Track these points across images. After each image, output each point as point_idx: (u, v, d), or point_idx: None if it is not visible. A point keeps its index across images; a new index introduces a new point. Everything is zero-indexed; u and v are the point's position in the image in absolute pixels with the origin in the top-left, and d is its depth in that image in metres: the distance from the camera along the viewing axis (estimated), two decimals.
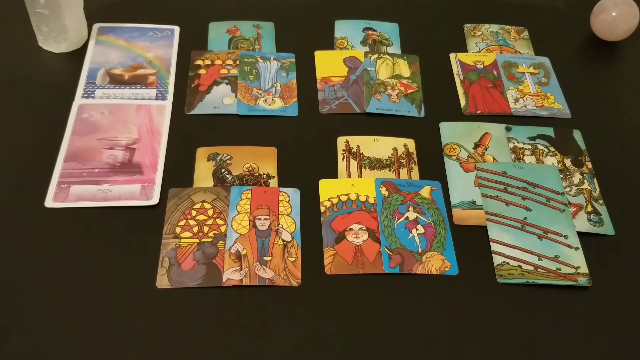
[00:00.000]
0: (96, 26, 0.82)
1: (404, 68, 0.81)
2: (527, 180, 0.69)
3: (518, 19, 0.90)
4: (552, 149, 0.74)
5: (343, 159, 0.71)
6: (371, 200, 0.67)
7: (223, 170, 0.68)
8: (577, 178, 0.71)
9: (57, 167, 0.67)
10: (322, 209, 0.66)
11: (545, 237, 0.65)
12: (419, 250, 0.63)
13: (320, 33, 0.85)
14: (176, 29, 0.83)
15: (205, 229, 0.63)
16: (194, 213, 0.64)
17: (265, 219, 0.64)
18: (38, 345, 0.54)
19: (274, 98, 0.76)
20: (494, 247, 0.64)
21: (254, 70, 0.79)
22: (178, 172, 0.68)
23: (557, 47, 0.87)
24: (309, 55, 0.82)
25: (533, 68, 0.83)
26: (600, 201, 0.69)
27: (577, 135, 0.76)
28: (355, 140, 0.73)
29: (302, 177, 0.68)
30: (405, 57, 0.83)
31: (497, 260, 0.63)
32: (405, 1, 0.92)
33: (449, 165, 0.71)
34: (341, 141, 0.73)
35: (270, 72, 0.79)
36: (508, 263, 0.63)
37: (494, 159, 0.72)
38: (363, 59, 0.82)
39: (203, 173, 0.68)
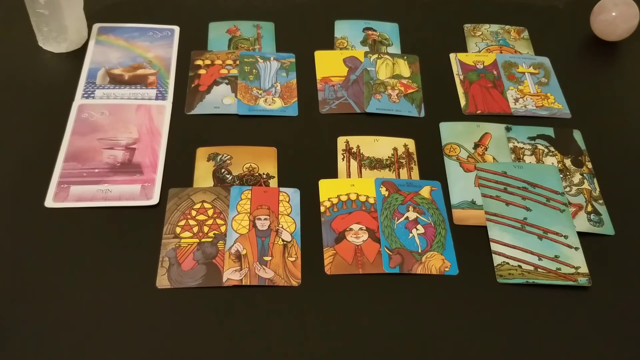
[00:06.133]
0: (96, 26, 0.82)
1: (404, 68, 0.81)
2: (527, 180, 0.69)
3: (518, 19, 0.90)
4: (552, 149, 0.74)
5: (343, 159, 0.71)
6: (371, 200, 0.67)
7: (223, 170, 0.68)
8: (577, 178, 0.71)
9: (57, 167, 0.67)
10: (322, 209, 0.66)
11: (545, 237, 0.65)
12: (419, 250, 0.63)
13: (320, 33, 0.85)
14: (176, 29, 0.83)
15: (205, 229, 0.63)
16: (194, 213, 0.64)
17: (265, 219, 0.64)
18: (38, 345, 0.54)
19: (274, 98, 0.76)
20: (494, 247, 0.64)
21: (254, 70, 0.79)
22: (178, 172, 0.68)
23: (557, 47, 0.87)
24: (309, 55, 0.82)
25: (533, 68, 0.83)
26: (600, 201, 0.69)
27: (577, 135, 0.76)
28: (355, 140, 0.73)
29: (302, 177, 0.68)
30: (405, 57, 0.83)
31: (497, 260, 0.63)
32: (405, 1, 0.92)
33: (449, 165, 0.71)
34: (341, 141, 0.73)
35: (270, 72, 0.79)
36: (508, 263, 0.63)
37: (494, 159, 0.72)
38: (363, 59, 0.82)
39: (203, 173, 0.68)
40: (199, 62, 0.79)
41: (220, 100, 0.75)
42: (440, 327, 0.58)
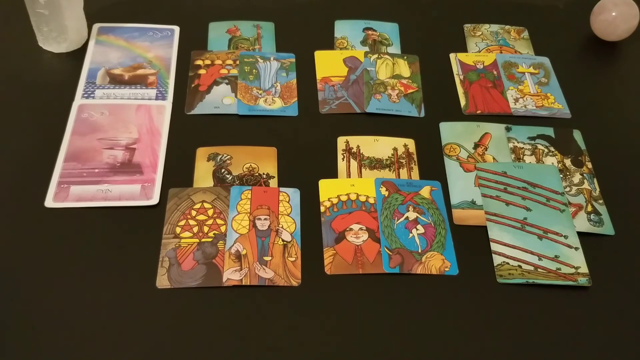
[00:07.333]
0: (96, 26, 0.82)
1: (404, 68, 0.81)
2: (527, 180, 0.70)
3: (518, 19, 0.90)
4: (552, 149, 0.74)
5: (343, 159, 0.71)
6: (371, 200, 0.67)
7: (223, 170, 0.68)
8: (577, 178, 0.71)
9: (57, 167, 0.67)
10: (322, 209, 0.66)
11: (545, 237, 0.65)
12: (419, 250, 0.63)
13: (320, 33, 0.85)
14: (176, 29, 0.83)
15: (205, 229, 0.63)
16: (194, 213, 0.64)
17: (265, 219, 0.64)
18: (38, 345, 0.54)
19: (274, 98, 0.76)
20: (494, 247, 0.64)
21: (254, 70, 0.79)
22: (178, 172, 0.68)
23: (557, 47, 0.87)
24: (309, 55, 0.82)
25: (533, 68, 0.83)
26: (600, 201, 0.69)
27: (577, 135, 0.76)
28: (355, 140, 0.73)
29: (302, 177, 0.68)
30: (405, 57, 0.83)
31: (497, 260, 0.63)
32: (405, 1, 0.92)
33: (449, 165, 0.71)
34: (341, 141, 0.73)
35: (270, 72, 0.79)
36: (508, 263, 0.63)
37: (494, 159, 0.72)
38: (363, 59, 0.82)
39: (203, 173, 0.68)
40: (199, 62, 0.79)
41: (220, 100, 0.75)
42: (440, 327, 0.58)
